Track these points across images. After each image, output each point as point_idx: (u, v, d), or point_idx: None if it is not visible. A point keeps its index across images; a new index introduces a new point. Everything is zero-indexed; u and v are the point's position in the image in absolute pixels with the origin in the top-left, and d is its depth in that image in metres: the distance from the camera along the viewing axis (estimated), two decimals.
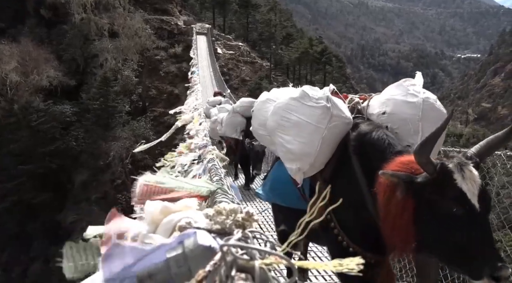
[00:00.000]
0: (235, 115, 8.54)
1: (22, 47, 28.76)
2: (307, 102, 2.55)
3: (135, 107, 31.81)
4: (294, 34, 55.27)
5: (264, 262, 0.68)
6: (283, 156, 2.70)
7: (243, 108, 8.28)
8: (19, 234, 24.61)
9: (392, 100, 2.60)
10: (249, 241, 0.73)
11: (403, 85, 2.66)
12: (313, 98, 2.55)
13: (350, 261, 0.66)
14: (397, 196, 1.87)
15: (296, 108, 2.57)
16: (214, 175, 2.42)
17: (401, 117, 2.50)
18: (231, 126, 8.60)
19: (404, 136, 2.47)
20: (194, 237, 0.78)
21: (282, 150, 2.67)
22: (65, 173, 26.83)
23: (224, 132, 9.03)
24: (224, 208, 0.80)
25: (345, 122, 2.55)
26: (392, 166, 1.96)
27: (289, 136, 2.57)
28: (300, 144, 2.51)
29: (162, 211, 0.96)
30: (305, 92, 2.60)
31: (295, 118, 2.56)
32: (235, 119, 8.52)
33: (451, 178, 1.78)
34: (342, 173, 2.48)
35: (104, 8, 33.89)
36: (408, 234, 1.85)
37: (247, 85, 37.75)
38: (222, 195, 1.32)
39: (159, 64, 35.77)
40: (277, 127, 2.67)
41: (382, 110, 2.60)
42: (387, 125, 2.53)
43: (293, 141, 2.54)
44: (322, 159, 2.53)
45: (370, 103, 2.76)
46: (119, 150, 25.95)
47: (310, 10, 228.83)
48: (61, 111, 27.79)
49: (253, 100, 6.79)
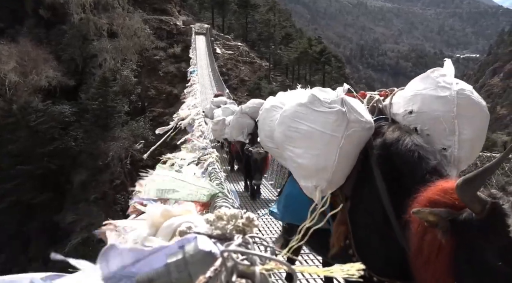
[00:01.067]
0: (243, 116, 7.87)
1: (21, 47, 28.73)
2: (318, 107, 2.20)
3: (134, 107, 31.82)
4: (293, 34, 55.31)
5: (264, 268, 0.68)
6: (295, 172, 2.37)
7: (252, 109, 7.54)
8: (17, 234, 24.58)
9: (419, 96, 2.22)
10: (249, 247, 0.73)
11: (431, 77, 2.26)
12: (324, 103, 2.20)
13: (350, 266, 0.66)
14: (434, 233, 1.58)
15: (305, 115, 2.23)
16: (215, 179, 2.37)
17: (432, 116, 2.14)
18: (238, 128, 7.91)
19: (437, 138, 2.13)
20: (194, 242, 0.78)
21: (293, 165, 2.33)
22: (64, 173, 26.81)
23: (230, 135, 8.40)
24: (225, 213, 0.80)
25: (365, 127, 2.19)
26: (428, 194, 1.64)
27: (300, 149, 2.23)
28: (314, 157, 2.17)
29: (163, 214, 0.96)
30: (315, 96, 2.24)
31: (305, 127, 2.21)
32: (243, 120, 7.83)
33: (503, 223, 1.44)
34: (364, 190, 2.16)
35: (103, 8, 33.87)
36: (443, 273, 1.59)
37: (246, 85, 37.78)
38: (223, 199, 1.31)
39: (158, 64, 35.79)
40: (285, 139, 2.33)
41: (409, 109, 2.23)
42: (416, 126, 2.18)
43: (305, 155, 2.20)
44: (342, 173, 2.20)
45: (394, 101, 2.38)
46: (118, 150, 25.93)
47: (309, 10, 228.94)
48: (60, 112, 27.78)
49: (263, 101, 6.51)
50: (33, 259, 23.85)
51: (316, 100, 2.22)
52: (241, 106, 8.31)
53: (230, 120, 8.42)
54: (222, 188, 1.76)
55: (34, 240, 24.51)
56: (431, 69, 2.34)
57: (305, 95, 2.34)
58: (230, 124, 8.30)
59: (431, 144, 2.04)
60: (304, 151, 2.20)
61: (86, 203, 24.75)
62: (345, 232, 2.19)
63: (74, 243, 22.79)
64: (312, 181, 2.20)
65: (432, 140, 2.10)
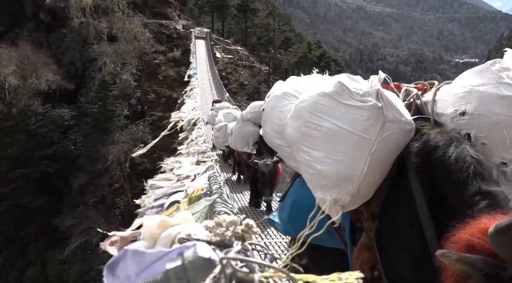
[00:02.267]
0: (246, 124, 6.75)
1: (21, 51, 28.75)
2: (347, 100, 1.77)
3: (133, 111, 31.79)
4: (292, 39, 55.37)
5: (263, 275, 0.68)
6: (310, 180, 1.92)
7: (255, 115, 6.44)
8: (15, 238, 24.49)
9: (475, 93, 1.73)
10: (248, 254, 0.73)
11: (491, 70, 1.74)
12: (355, 94, 1.76)
13: (349, 274, 0.66)
14: None
15: (329, 109, 1.80)
16: (214, 183, 2.29)
17: (491, 121, 1.65)
18: (242, 138, 6.77)
19: (495, 149, 1.66)
20: (193, 248, 0.78)
21: (308, 171, 1.89)
22: (62, 176, 26.75)
23: (234, 146, 7.35)
24: (224, 219, 0.80)
25: (405, 129, 1.75)
26: (467, 233, 1.26)
27: (320, 152, 1.81)
28: (337, 163, 1.75)
29: (160, 225, 0.95)
30: (343, 84, 1.80)
31: (328, 125, 1.79)
32: (246, 129, 6.71)
33: None
34: (397, 207, 1.76)
35: (103, 12, 33.92)
36: None
37: (245, 89, 37.78)
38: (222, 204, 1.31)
39: (158, 68, 35.80)
40: (300, 137, 1.91)
41: (461, 109, 1.75)
42: (469, 132, 1.71)
43: (326, 159, 1.78)
44: (371, 186, 1.77)
45: (439, 98, 1.91)
46: (118, 154, 25.88)
47: (308, 14, 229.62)
48: (60, 115, 27.77)
49: None
50: (32, 262, 23.76)
51: (345, 90, 1.78)
52: (242, 113, 7.16)
53: (232, 129, 7.34)
54: (221, 192, 1.73)
55: (33, 243, 24.42)
56: (490, 61, 1.83)
57: (329, 83, 1.88)
58: (232, 135, 7.16)
59: (488, 156, 1.62)
60: (324, 155, 1.79)
61: (85, 206, 24.67)
62: (371, 260, 1.80)
63: (73, 246, 22.70)
64: (332, 193, 1.78)
65: (488, 152, 1.65)
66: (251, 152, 6.54)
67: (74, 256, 22.63)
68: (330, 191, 1.79)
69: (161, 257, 0.78)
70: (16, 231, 24.41)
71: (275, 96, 2.41)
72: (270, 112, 2.43)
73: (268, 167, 5.70)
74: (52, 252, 23.53)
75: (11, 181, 24.56)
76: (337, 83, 1.81)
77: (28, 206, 24.40)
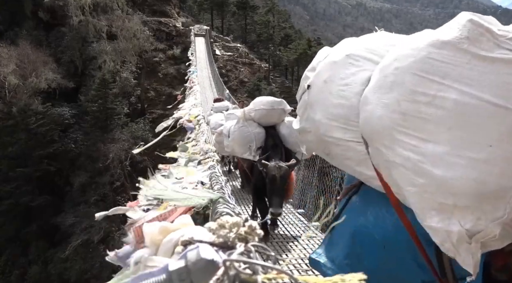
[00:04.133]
0: (248, 124, 4.97)
1: (21, 50, 28.72)
2: (489, 51, 1.07)
3: (133, 109, 31.81)
4: (292, 35, 55.25)
5: (266, 277, 0.68)
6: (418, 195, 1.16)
7: (260, 113, 4.91)
8: (17, 236, 24.54)
9: None
10: (251, 255, 0.73)
11: None
12: (503, 40, 1.07)
13: (352, 276, 0.66)
14: None
15: (457, 69, 1.09)
16: (215, 183, 2.20)
17: None
18: (241, 141, 4.94)
19: None
20: (196, 250, 0.78)
21: (414, 180, 1.15)
22: (63, 175, 26.79)
23: (232, 150, 5.46)
24: (227, 221, 0.80)
25: None
26: None
27: (440, 145, 1.09)
28: (476, 166, 1.04)
29: (161, 231, 0.95)
30: (481, 25, 1.12)
31: (455, 96, 1.08)
32: (247, 130, 4.91)
33: None
34: None
35: (102, 10, 33.85)
36: None
37: (245, 86, 37.76)
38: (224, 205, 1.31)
39: (158, 66, 35.78)
40: (398, 121, 1.17)
41: None
42: None
43: (453, 159, 1.07)
44: None
45: None
46: (118, 152, 25.89)
47: (308, 11, 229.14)
48: (60, 114, 27.79)
49: (276, 100, 5.07)
50: (33, 261, 23.82)
51: (484, 34, 1.09)
52: (244, 110, 5.34)
53: (230, 130, 5.43)
54: (223, 192, 1.71)
55: (34, 242, 24.47)
56: None
57: (448, 27, 1.18)
58: (230, 137, 5.31)
59: None
60: (449, 150, 1.08)
61: (86, 205, 24.70)
62: None
63: (74, 245, 22.76)
64: (465, 219, 1.05)
65: None
66: (253, 159, 4.89)
67: (75, 254, 22.69)
68: (460, 215, 1.06)
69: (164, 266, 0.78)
70: (17, 230, 24.46)
71: (332, 63, 1.58)
72: (323, 89, 1.56)
73: (281, 170, 4.30)
74: (54, 251, 23.59)
75: (12, 180, 24.58)
76: (467, 23, 1.12)
77: (29, 205, 24.45)
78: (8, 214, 24.26)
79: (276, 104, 4.90)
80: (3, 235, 24.05)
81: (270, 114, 4.85)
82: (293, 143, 4.70)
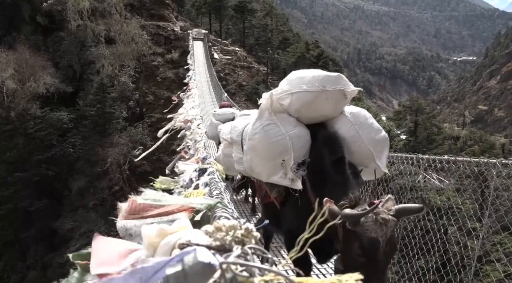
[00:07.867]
0: (280, 120, 3.16)
1: (19, 54, 28.70)
2: None
3: (132, 113, 31.80)
4: (290, 39, 55.37)
5: (263, 279, 0.68)
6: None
7: (301, 100, 2.99)
8: (15, 241, 24.48)
9: None
10: (248, 258, 0.73)
11: None
12: None
13: (349, 276, 0.67)
14: None
15: None
16: (214, 189, 2.19)
17: None
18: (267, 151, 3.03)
19: None
20: (193, 253, 0.78)
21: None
22: (61, 179, 26.74)
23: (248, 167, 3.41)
24: (224, 224, 0.80)
25: None
26: None
27: None
28: None
29: (159, 234, 0.95)
30: None
31: None
32: (277, 131, 2.97)
33: None
34: None
35: (100, 14, 33.89)
36: None
37: (244, 90, 37.79)
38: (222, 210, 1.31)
39: (156, 70, 35.82)
40: None
41: None
42: None
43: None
44: None
45: None
46: (117, 156, 25.87)
47: (306, 14, 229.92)
48: (58, 118, 27.75)
49: (329, 75, 2.97)
50: (32, 266, 23.75)
51: None
52: (271, 93, 3.16)
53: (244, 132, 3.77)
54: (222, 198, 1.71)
55: (33, 247, 24.40)
56: None
57: None
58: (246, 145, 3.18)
59: None
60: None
61: (85, 209, 24.66)
62: None
63: (73, 249, 22.66)
64: None
65: None
66: (290, 185, 2.78)
67: None
68: None
69: (163, 266, 0.78)
70: (16, 235, 24.40)
71: None
72: None
73: (388, 226, 2.10)
74: (52, 255, 23.51)
75: (10, 184, 24.54)
76: None
77: (27, 209, 24.40)
78: (7, 218, 24.21)
79: (330, 82, 2.82)
80: (1, 239, 23.99)
81: (319, 101, 2.78)
82: (361, 152, 2.84)
